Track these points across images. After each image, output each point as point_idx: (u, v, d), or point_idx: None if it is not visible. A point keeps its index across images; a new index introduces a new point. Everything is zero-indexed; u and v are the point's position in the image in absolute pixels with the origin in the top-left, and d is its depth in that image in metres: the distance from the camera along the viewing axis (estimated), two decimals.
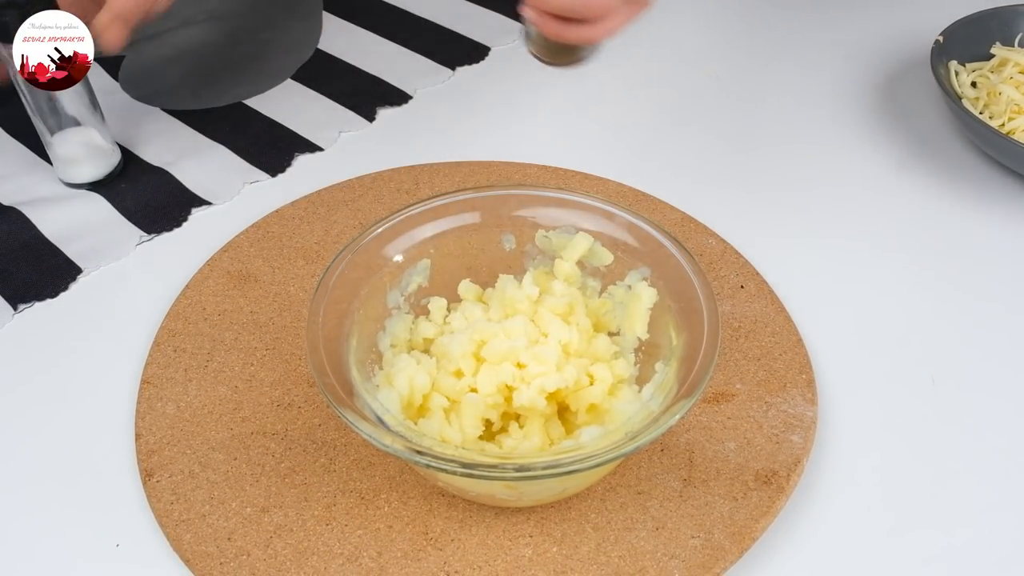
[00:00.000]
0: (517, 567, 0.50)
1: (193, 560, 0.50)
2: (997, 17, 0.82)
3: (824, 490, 0.55)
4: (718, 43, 0.91)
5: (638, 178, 0.74)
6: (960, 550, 0.52)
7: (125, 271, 0.68)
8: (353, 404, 0.47)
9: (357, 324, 0.53)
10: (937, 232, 0.71)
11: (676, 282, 0.53)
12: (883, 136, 0.80)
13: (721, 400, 0.58)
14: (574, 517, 0.52)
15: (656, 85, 0.86)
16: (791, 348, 0.61)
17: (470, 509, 0.53)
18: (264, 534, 0.52)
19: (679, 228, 0.69)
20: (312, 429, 0.57)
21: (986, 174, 0.76)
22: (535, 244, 0.58)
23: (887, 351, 0.63)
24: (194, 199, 0.73)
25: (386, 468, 0.55)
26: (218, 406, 0.58)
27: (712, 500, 0.53)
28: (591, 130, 0.81)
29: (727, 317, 0.63)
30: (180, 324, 0.63)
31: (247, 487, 0.54)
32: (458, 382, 0.52)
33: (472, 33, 0.91)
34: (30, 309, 0.65)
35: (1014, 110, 0.75)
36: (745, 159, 0.78)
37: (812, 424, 0.56)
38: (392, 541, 0.51)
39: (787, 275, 0.66)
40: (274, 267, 0.67)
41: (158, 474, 0.54)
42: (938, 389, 0.60)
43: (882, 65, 0.88)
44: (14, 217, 0.71)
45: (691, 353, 0.50)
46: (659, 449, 0.55)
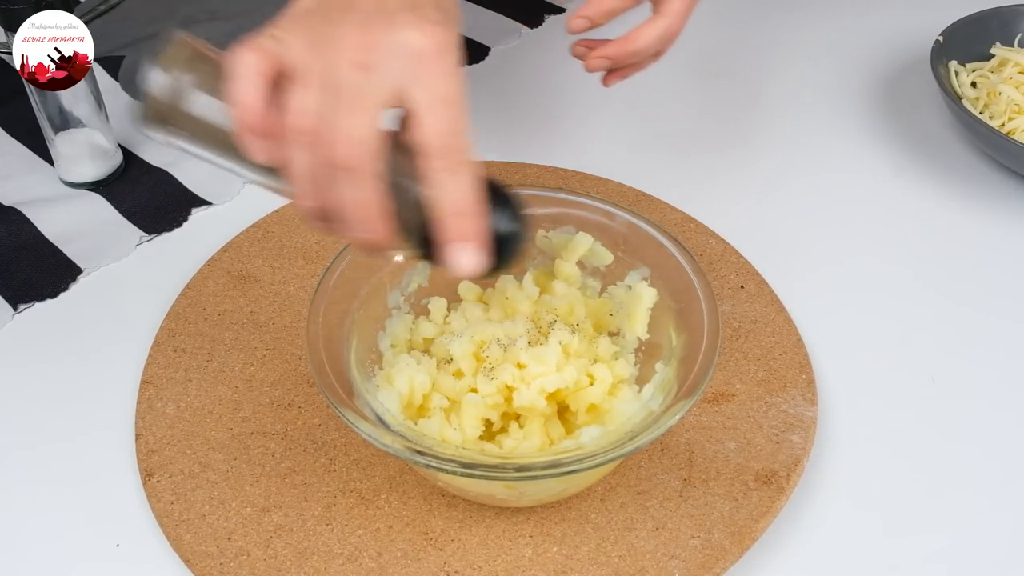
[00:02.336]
0: (517, 567, 0.50)
1: (193, 560, 0.50)
2: (997, 17, 0.82)
3: (824, 490, 0.55)
4: (718, 43, 0.91)
5: (638, 178, 0.74)
6: (959, 550, 0.52)
7: (125, 271, 0.68)
8: (353, 404, 0.47)
9: (357, 324, 0.53)
10: (937, 232, 0.72)
11: (676, 282, 0.53)
12: (883, 136, 0.80)
13: (721, 400, 0.58)
14: (574, 517, 0.52)
15: (656, 85, 0.86)
16: (791, 348, 0.61)
17: (470, 509, 0.53)
18: (264, 534, 0.52)
19: (679, 228, 0.69)
20: (312, 429, 0.57)
21: (986, 174, 0.76)
22: (535, 244, 0.58)
23: (887, 351, 0.63)
24: (194, 199, 0.73)
25: (386, 468, 0.55)
26: (218, 406, 0.58)
27: (712, 500, 0.53)
28: (591, 130, 0.81)
29: (727, 317, 0.63)
30: (180, 324, 0.63)
31: (247, 487, 0.54)
32: (458, 382, 0.52)
33: (472, 33, 0.91)
34: (30, 309, 0.65)
35: (1014, 110, 0.75)
36: (745, 159, 0.78)
37: (812, 424, 0.56)
38: (392, 541, 0.51)
39: (787, 275, 0.66)
40: (274, 267, 0.67)
41: (158, 474, 0.54)
42: (938, 389, 0.60)
43: (882, 65, 0.88)
44: (14, 217, 0.71)
45: (691, 353, 0.50)
46: (659, 449, 0.55)
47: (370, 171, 0.40)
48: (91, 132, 0.72)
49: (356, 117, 0.39)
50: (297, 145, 0.40)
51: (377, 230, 0.41)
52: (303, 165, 0.41)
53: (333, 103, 0.39)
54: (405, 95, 0.40)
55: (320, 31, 0.41)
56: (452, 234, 0.41)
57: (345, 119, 0.39)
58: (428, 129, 0.40)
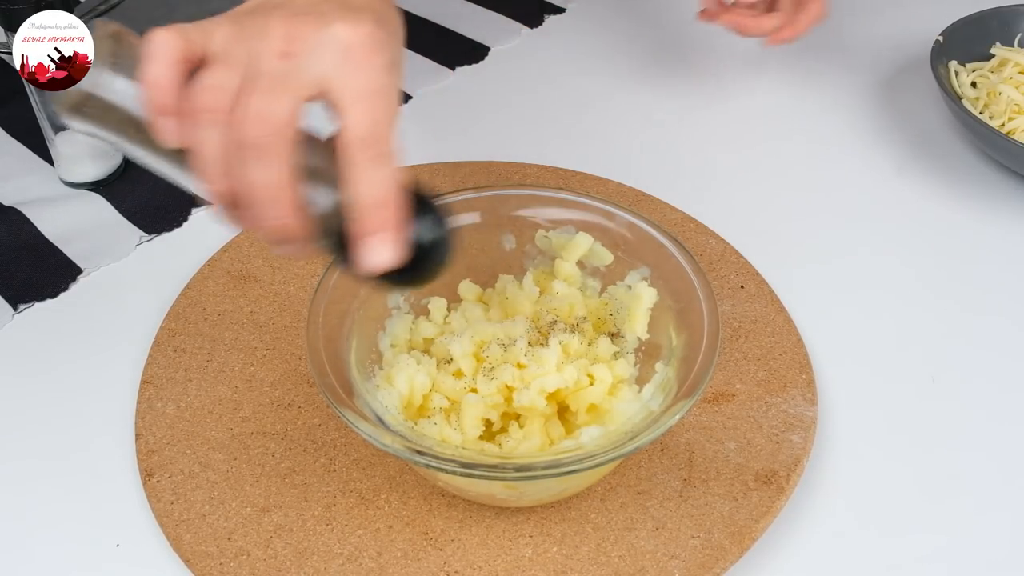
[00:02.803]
0: (517, 567, 0.50)
1: (193, 560, 0.50)
2: (997, 17, 0.82)
3: (824, 490, 0.55)
4: (718, 43, 0.91)
5: (638, 178, 0.74)
6: (959, 550, 0.52)
7: (125, 271, 0.68)
8: (353, 404, 0.47)
9: (357, 324, 0.53)
10: (937, 232, 0.71)
11: (676, 282, 0.53)
12: (883, 136, 0.80)
13: (721, 400, 0.58)
14: (574, 517, 0.52)
15: (656, 85, 0.86)
16: (791, 348, 0.61)
17: (470, 509, 0.53)
18: (264, 534, 0.52)
19: (679, 228, 0.69)
20: (312, 429, 0.57)
21: (986, 174, 0.76)
22: (535, 244, 0.58)
23: (887, 351, 0.63)
24: (194, 199, 0.73)
25: (386, 468, 0.55)
26: (218, 406, 0.58)
27: (712, 500, 0.53)
28: (591, 130, 0.81)
29: (727, 317, 0.63)
30: (180, 324, 0.63)
31: (247, 487, 0.54)
32: (458, 382, 0.52)
33: (472, 33, 0.91)
34: (30, 309, 0.65)
35: (1014, 110, 0.75)
36: (745, 159, 0.78)
37: (812, 424, 0.56)
38: (392, 541, 0.51)
39: (787, 275, 0.66)
40: (274, 267, 0.67)
41: (158, 474, 0.54)
42: (938, 389, 0.60)
43: (882, 65, 0.88)
44: (14, 217, 0.71)
45: (691, 353, 0.50)
46: (659, 449, 0.55)
47: (282, 152, 0.38)
48: None
49: (272, 98, 0.38)
50: (208, 122, 0.39)
51: (286, 216, 0.40)
52: (213, 144, 0.39)
53: (250, 86, 0.38)
54: (329, 87, 0.39)
55: (248, 22, 0.40)
56: (369, 225, 0.40)
57: (261, 99, 0.38)
58: (351, 120, 0.39)
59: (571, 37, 0.92)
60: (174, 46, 0.39)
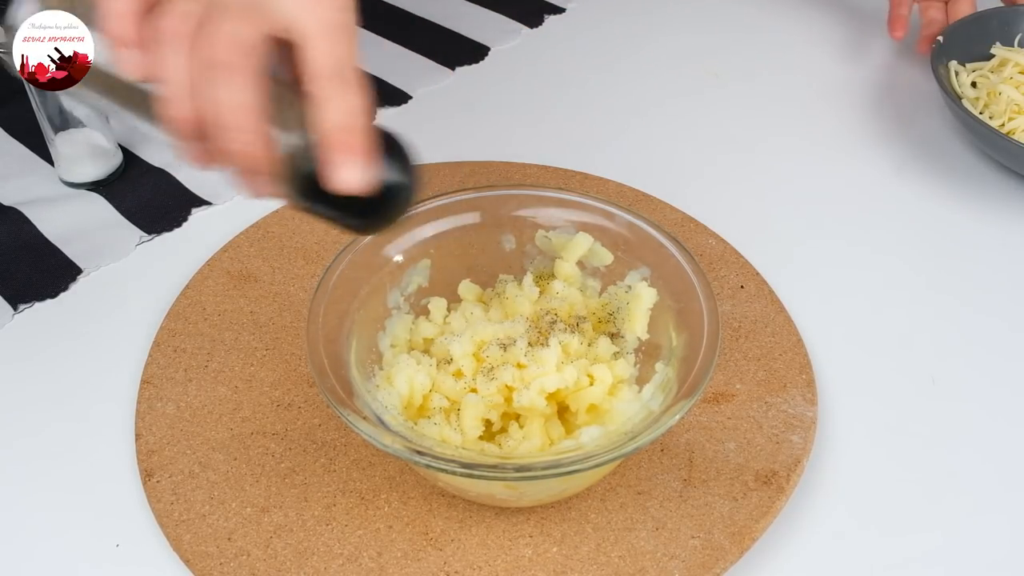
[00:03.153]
0: (517, 567, 0.50)
1: (193, 560, 0.50)
2: (997, 17, 0.82)
3: (824, 490, 0.55)
4: (718, 43, 0.91)
5: (638, 178, 0.74)
6: (958, 550, 0.52)
7: (125, 271, 0.68)
8: (353, 404, 0.47)
9: (357, 324, 0.53)
10: (937, 232, 0.71)
11: (676, 282, 0.53)
12: (883, 136, 0.80)
13: (721, 400, 0.58)
14: (574, 517, 0.52)
15: (656, 85, 0.86)
16: (791, 348, 0.61)
17: (470, 509, 0.53)
18: (264, 534, 0.52)
19: (679, 228, 0.69)
20: (312, 429, 0.57)
21: (986, 174, 0.76)
22: (535, 244, 0.58)
23: (887, 351, 0.63)
24: (194, 199, 0.73)
25: (386, 468, 0.55)
26: (218, 406, 0.58)
27: (712, 500, 0.53)
28: (591, 130, 0.81)
29: (727, 317, 0.63)
30: (180, 324, 0.63)
31: (247, 487, 0.54)
32: (458, 382, 0.52)
33: (472, 33, 0.91)
34: (30, 309, 0.65)
35: (1014, 110, 0.75)
36: (745, 159, 0.78)
37: (812, 424, 0.56)
38: (392, 541, 0.51)
39: (787, 275, 0.66)
40: (274, 267, 0.67)
41: (158, 474, 0.54)
42: (938, 389, 0.60)
43: (882, 65, 0.88)
44: (14, 217, 0.71)
45: (691, 353, 0.50)
46: (659, 449, 0.55)
47: (250, 73, 0.39)
48: (91, 132, 0.72)
49: (241, 23, 0.39)
50: (173, 48, 0.39)
51: (254, 142, 0.40)
52: (179, 68, 0.39)
53: (217, 16, 0.39)
54: (294, 23, 0.40)
55: None
56: (337, 148, 0.40)
57: (230, 23, 0.39)
58: (317, 52, 0.40)
59: (571, 37, 0.92)
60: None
